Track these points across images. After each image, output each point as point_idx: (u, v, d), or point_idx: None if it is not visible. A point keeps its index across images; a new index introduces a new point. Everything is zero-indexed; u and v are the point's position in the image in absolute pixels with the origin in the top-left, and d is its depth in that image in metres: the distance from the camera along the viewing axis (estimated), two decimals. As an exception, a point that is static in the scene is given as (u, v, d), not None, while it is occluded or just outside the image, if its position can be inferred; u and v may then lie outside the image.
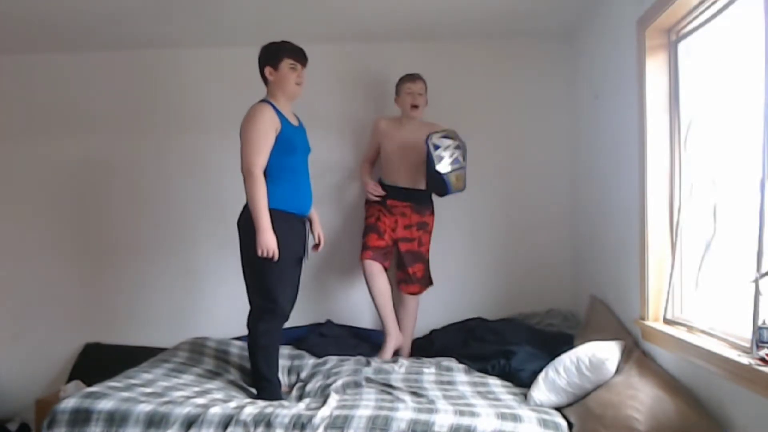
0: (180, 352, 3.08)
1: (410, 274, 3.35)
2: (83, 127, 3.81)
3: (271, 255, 2.58)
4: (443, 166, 3.08)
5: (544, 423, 2.18)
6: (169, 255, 3.78)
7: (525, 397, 2.47)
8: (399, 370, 2.85)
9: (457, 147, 3.13)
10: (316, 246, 2.95)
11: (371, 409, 2.26)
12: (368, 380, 2.71)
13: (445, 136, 3.13)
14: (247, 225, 2.64)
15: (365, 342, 3.41)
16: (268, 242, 2.57)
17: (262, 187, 2.60)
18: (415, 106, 3.32)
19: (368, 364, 2.96)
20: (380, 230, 3.30)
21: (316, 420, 2.18)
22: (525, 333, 3.18)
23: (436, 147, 3.09)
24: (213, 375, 2.87)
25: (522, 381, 2.66)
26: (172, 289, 3.78)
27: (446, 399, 2.45)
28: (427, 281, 3.43)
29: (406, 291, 3.38)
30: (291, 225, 2.72)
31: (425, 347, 3.35)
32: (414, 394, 2.52)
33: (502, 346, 2.97)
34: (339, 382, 2.68)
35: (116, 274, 3.80)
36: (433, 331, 3.51)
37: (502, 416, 2.19)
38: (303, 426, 2.16)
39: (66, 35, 3.49)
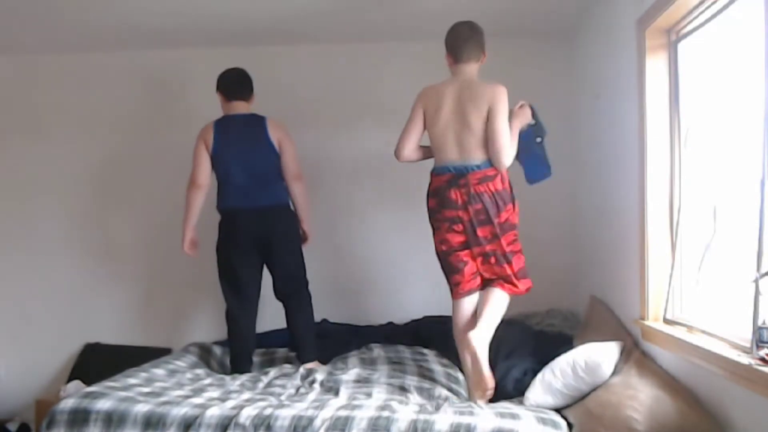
0: (187, 355, 3.13)
1: None
2: (88, 128, 3.82)
3: None
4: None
5: (542, 421, 2.18)
6: (170, 255, 3.77)
7: (521, 402, 2.46)
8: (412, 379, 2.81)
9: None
10: None
11: (372, 410, 2.25)
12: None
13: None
14: (296, 222, 3.10)
15: (362, 340, 3.38)
16: None
17: None
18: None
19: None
20: None
21: (317, 422, 2.16)
22: (517, 336, 3.09)
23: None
24: (212, 374, 2.87)
25: (510, 393, 2.58)
26: (172, 289, 3.78)
27: (446, 401, 2.46)
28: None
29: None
30: None
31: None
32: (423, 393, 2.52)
33: None
34: (352, 374, 2.73)
35: (116, 274, 3.80)
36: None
37: (501, 415, 2.19)
38: (304, 428, 2.15)
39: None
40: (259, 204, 2.99)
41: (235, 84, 3.08)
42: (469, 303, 2.69)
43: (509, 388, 2.62)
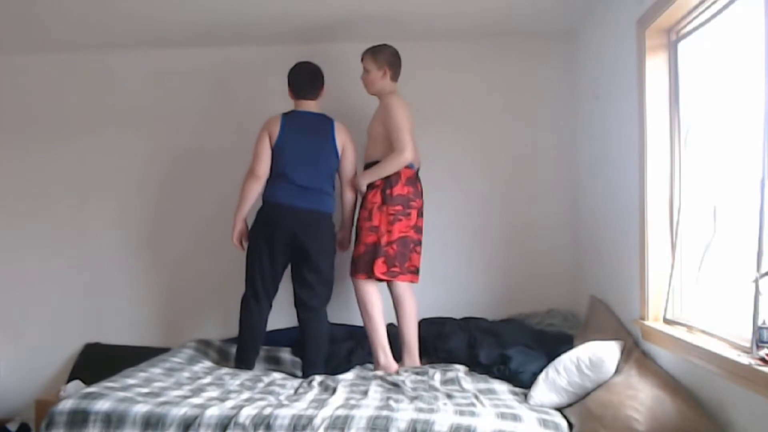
0: (184, 350, 3.13)
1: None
2: (89, 127, 3.81)
3: None
4: None
5: (544, 423, 2.18)
6: (171, 255, 3.77)
7: (526, 397, 2.47)
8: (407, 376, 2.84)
9: None
10: None
11: (372, 409, 2.25)
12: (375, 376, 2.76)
13: None
14: (334, 235, 3.13)
15: (362, 341, 3.36)
16: None
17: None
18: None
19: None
20: None
21: (317, 421, 2.17)
22: (523, 333, 3.16)
23: None
24: (211, 374, 2.87)
25: (523, 383, 2.65)
26: (172, 289, 3.77)
27: (448, 398, 2.46)
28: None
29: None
30: None
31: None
32: (419, 394, 2.52)
33: (499, 350, 2.94)
34: (350, 375, 2.75)
35: (117, 274, 3.79)
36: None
37: (502, 416, 2.18)
38: (303, 427, 2.15)
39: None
40: (308, 207, 2.99)
41: (305, 83, 3.09)
42: None
43: (525, 379, 2.66)
